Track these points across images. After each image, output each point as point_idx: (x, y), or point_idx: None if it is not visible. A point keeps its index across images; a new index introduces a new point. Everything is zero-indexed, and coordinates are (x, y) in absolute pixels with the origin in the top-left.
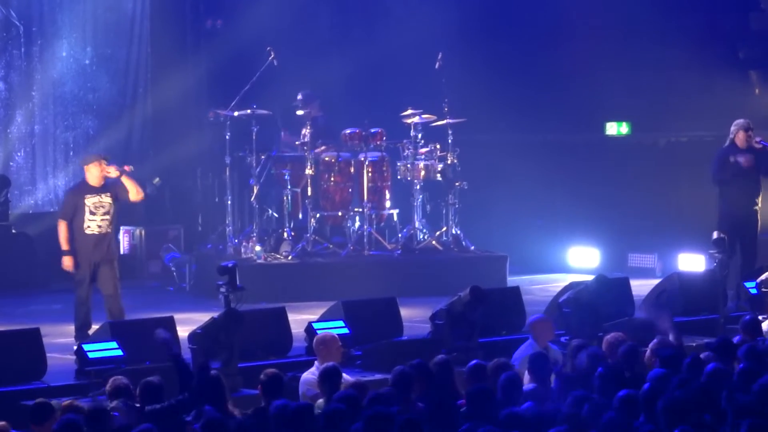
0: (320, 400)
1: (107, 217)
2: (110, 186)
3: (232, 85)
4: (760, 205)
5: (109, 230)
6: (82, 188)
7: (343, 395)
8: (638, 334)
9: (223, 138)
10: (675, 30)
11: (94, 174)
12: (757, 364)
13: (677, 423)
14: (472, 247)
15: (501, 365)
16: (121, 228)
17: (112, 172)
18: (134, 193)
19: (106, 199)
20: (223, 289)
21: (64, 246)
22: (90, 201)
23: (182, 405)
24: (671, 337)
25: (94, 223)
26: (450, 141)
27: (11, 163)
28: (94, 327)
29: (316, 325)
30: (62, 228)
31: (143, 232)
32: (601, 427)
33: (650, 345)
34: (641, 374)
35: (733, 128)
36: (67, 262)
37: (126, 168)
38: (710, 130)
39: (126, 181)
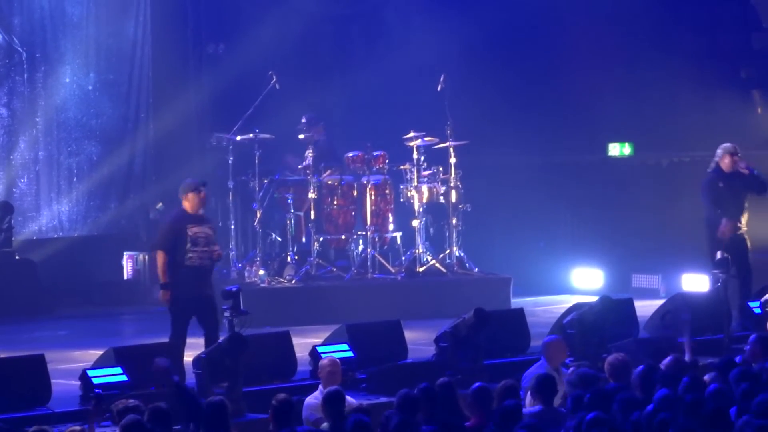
0: (324, 424)
1: (207, 248)
2: (210, 220)
3: (234, 110)
4: (745, 227)
5: (210, 263)
6: (183, 217)
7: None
8: (643, 355)
9: (226, 162)
10: (677, 50)
11: (193, 202)
12: (755, 385)
13: None
14: (476, 269)
15: (508, 388)
16: (125, 253)
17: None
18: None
19: (208, 230)
20: (227, 314)
21: (162, 278)
22: (192, 231)
23: None
24: (687, 356)
25: (195, 254)
26: (453, 163)
27: (14, 190)
28: (98, 353)
29: (320, 349)
30: (160, 259)
31: (147, 258)
32: None
33: (663, 363)
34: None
35: (719, 151)
36: (164, 296)
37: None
38: (713, 150)
39: None
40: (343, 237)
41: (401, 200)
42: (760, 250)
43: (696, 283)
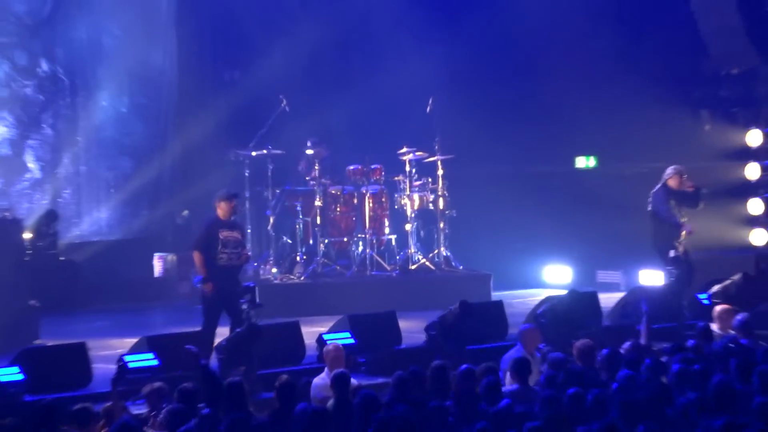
0: (330, 401)
1: (237, 250)
2: (240, 225)
3: (249, 128)
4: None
5: (238, 263)
6: (216, 222)
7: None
8: (606, 340)
9: (243, 174)
10: (637, 74)
11: (225, 210)
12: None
13: (638, 419)
14: (461, 267)
15: (488, 369)
16: (156, 254)
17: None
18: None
19: (238, 234)
20: (244, 306)
21: (204, 273)
22: (223, 234)
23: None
24: (643, 341)
25: (225, 255)
26: (440, 174)
27: (59, 200)
28: (132, 341)
29: (326, 337)
30: (197, 258)
31: (175, 258)
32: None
33: (623, 347)
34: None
35: (670, 171)
36: (208, 287)
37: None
38: (668, 161)
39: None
40: (345, 239)
41: (395, 207)
42: (704, 250)
43: (652, 277)
